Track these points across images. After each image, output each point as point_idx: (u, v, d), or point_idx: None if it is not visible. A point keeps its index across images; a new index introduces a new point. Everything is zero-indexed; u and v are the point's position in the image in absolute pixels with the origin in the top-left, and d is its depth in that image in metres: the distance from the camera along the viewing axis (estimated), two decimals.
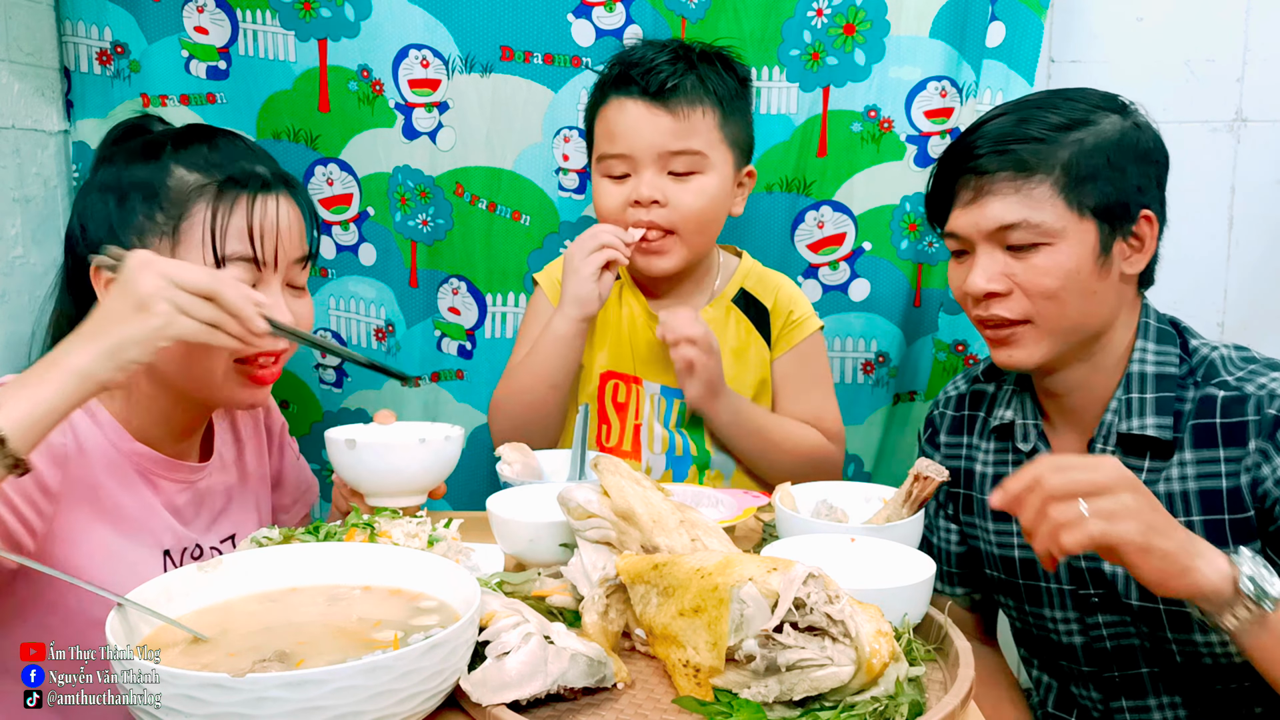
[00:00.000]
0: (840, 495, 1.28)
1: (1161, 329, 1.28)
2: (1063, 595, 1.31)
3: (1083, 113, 1.23)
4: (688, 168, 1.54)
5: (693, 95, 1.53)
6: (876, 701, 0.83)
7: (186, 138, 1.19)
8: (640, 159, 1.54)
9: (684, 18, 1.80)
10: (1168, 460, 1.22)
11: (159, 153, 1.17)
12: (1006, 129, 1.24)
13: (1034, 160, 1.21)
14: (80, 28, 1.71)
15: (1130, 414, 1.24)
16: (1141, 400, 1.24)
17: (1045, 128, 1.22)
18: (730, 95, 1.57)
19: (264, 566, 0.96)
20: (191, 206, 1.14)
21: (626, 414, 1.65)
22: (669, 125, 1.52)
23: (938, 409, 1.48)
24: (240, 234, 1.15)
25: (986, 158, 1.23)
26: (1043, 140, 1.22)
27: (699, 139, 1.53)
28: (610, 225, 1.55)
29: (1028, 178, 1.21)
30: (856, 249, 1.87)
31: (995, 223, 1.23)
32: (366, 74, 1.79)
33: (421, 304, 1.90)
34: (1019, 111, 1.26)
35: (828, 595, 0.84)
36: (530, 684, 0.85)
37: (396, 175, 1.84)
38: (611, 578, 0.97)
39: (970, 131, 1.28)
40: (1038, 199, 1.21)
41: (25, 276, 1.59)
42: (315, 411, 1.92)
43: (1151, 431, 1.22)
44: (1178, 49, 1.87)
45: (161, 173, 1.15)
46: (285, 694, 0.73)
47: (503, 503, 1.18)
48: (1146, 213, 1.23)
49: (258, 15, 1.77)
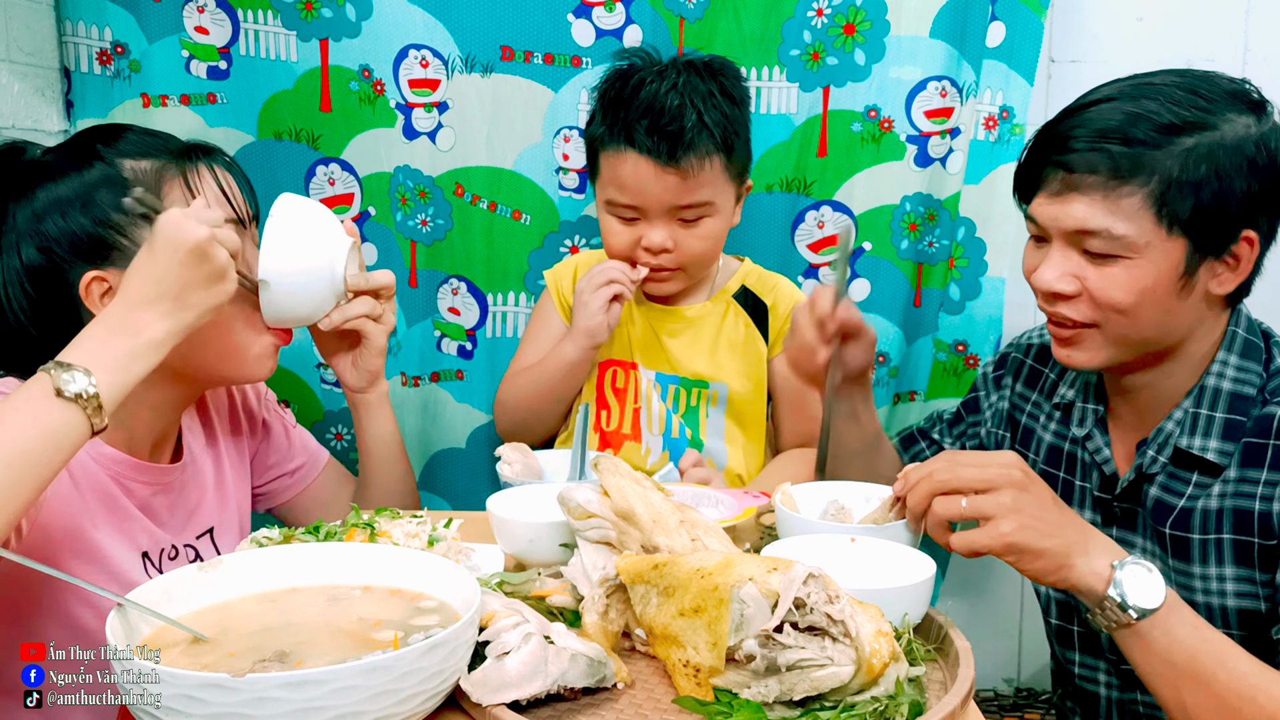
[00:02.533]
0: (843, 495, 1.27)
1: (1249, 341, 1.19)
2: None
3: (1202, 112, 1.10)
4: (697, 215, 1.56)
5: (701, 150, 1.51)
6: (877, 701, 0.83)
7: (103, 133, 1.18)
8: (649, 210, 1.56)
9: (682, 18, 1.80)
10: (1216, 478, 1.17)
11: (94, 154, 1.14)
12: (1112, 123, 1.11)
13: (1130, 167, 1.10)
14: (80, 28, 1.71)
15: (1194, 430, 1.18)
16: (1210, 419, 1.17)
17: (1154, 128, 1.10)
18: (732, 127, 1.54)
19: (264, 566, 0.96)
20: (163, 186, 1.14)
21: (625, 398, 1.68)
22: (678, 184, 1.52)
23: (1015, 351, 1.44)
24: (218, 198, 1.17)
25: (1080, 154, 1.12)
26: (1146, 144, 1.09)
27: (707, 190, 1.54)
28: (618, 263, 1.59)
29: (1119, 185, 1.10)
30: (857, 249, 1.87)
31: (1075, 224, 1.13)
32: (367, 74, 1.79)
33: (421, 304, 1.90)
34: (1131, 101, 1.12)
35: (828, 595, 0.84)
36: (530, 684, 0.85)
37: (397, 175, 1.84)
38: (611, 578, 0.97)
39: (1072, 113, 1.16)
40: (1125, 210, 1.10)
41: None
42: (316, 411, 1.92)
43: (1212, 456, 1.16)
44: (1178, 49, 1.87)
45: (114, 169, 1.13)
46: (285, 694, 0.73)
47: (503, 503, 1.18)
48: (1249, 233, 1.12)
49: (259, 15, 1.77)
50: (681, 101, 1.51)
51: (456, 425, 1.94)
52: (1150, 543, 1.24)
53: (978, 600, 2.10)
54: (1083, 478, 1.31)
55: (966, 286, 1.84)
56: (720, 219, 1.58)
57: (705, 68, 1.57)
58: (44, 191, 1.13)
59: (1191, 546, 1.18)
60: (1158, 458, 1.21)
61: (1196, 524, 1.17)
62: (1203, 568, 1.18)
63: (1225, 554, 1.16)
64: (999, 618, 2.11)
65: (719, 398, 1.66)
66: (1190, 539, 1.18)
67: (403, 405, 1.90)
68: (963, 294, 1.85)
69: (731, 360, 1.66)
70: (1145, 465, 1.22)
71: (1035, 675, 2.14)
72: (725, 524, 1.20)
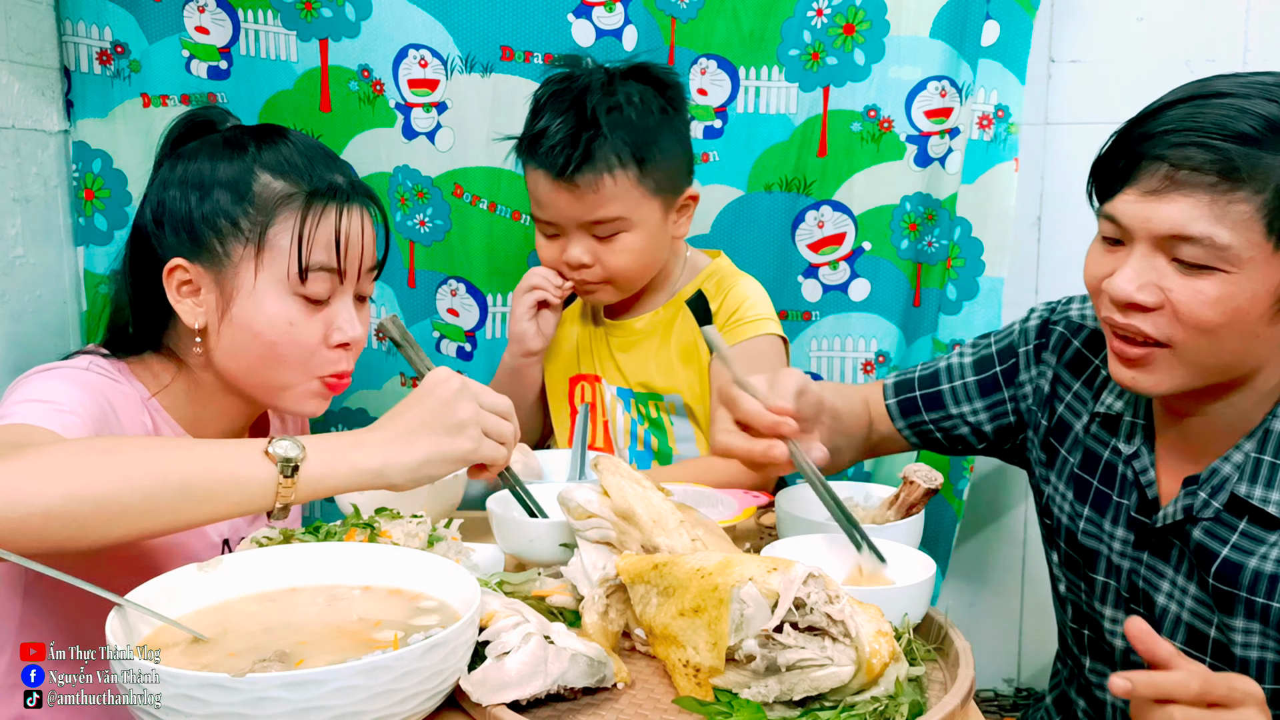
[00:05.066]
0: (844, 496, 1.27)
1: None
2: (1117, 596, 1.24)
3: None
4: (610, 231, 1.52)
5: (600, 166, 1.47)
6: (877, 701, 0.83)
7: (267, 135, 1.20)
8: (563, 225, 1.54)
9: (674, 18, 1.80)
10: (1272, 530, 1.08)
11: (243, 152, 1.17)
12: (1230, 122, 1.00)
13: (1247, 169, 0.98)
14: (80, 27, 1.71)
15: (1256, 479, 1.08)
16: (1274, 467, 1.08)
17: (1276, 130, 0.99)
18: (649, 139, 1.49)
19: (264, 566, 0.96)
20: (279, 215, 1.14)
21: (595, 412, 1.67)
22: (578, 200, 1.50)
23: (1061, 325, 1.32)
24: (327, 245, 1.16)
25: (1187, 149, 1.00)
26: (1264, 147, 0.98)
27: (614, 206, 1.50)
28: (543, 270, 1.58)
29: (1231, 189, 0.99)
30: (856, 249, 1.87)
31: (1171, 228, 1.02)
32: (367, 74, 1.79)
33: (420, 305, 1.90)
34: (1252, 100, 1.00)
35: (828, 595, 0.84)
36: (530, 684, 0.85)
37: (396, 175, 1.84)
38: (611, 578, 0.97)
39: (1174, 104, 1.05)
40: (1234, 218, 0.99)
41: (25, 276, 1.59)
42: None
43: (1273, 510, 1.07)
44: (1178, 49, 1.87)
45: (248, 175, 1.15)
46: (285, 694, 0.73)
47: (503, 503, 1.18)
48: None
49: (259, 15, 1.77)
50: (580, 125, 1.47)
51: None
52: (1185, 579, 1.17)
53: (978, 600, 2.10)
54: (1120, 493, 1.23)
55: (963, 287, 1.84)
56: (640, 234, 1.53)
57: (628, 76, 1.53)
58: (190, 164, 1.17)
59: (1237, 602, 1.11)
60: (1210, 502, 1.11)
61: (1246, 581, 1.10)
62: (1246, 622, 1.11)
63: (1268, 621, 1.09)
64: (999, 618, 2.10)
65: (677, 407, 1.64)
66: (1237, 595, 1.10)
67: None
68: (959, 294, 1.84)
69: (684, 369, 1.62)
70: (1196, 508, 1.13)
71: (1035, 675, 2.13)
72: (725, 524, 1.20)
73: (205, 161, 1.17)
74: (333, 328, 1.18)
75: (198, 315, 1.15)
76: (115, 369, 1.16)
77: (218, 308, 1.15)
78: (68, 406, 1.03)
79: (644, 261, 1.57)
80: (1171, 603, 1.19)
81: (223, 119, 1.23)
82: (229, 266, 1.14)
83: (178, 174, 1.17)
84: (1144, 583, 1.21)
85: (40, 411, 1.01)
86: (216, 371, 1.18)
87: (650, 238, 1.55)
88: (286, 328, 1.15)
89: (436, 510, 1.24)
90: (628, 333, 1.66)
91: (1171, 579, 1.18)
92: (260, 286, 1.14)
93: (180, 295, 1.15)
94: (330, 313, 1.18)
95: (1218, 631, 1.15)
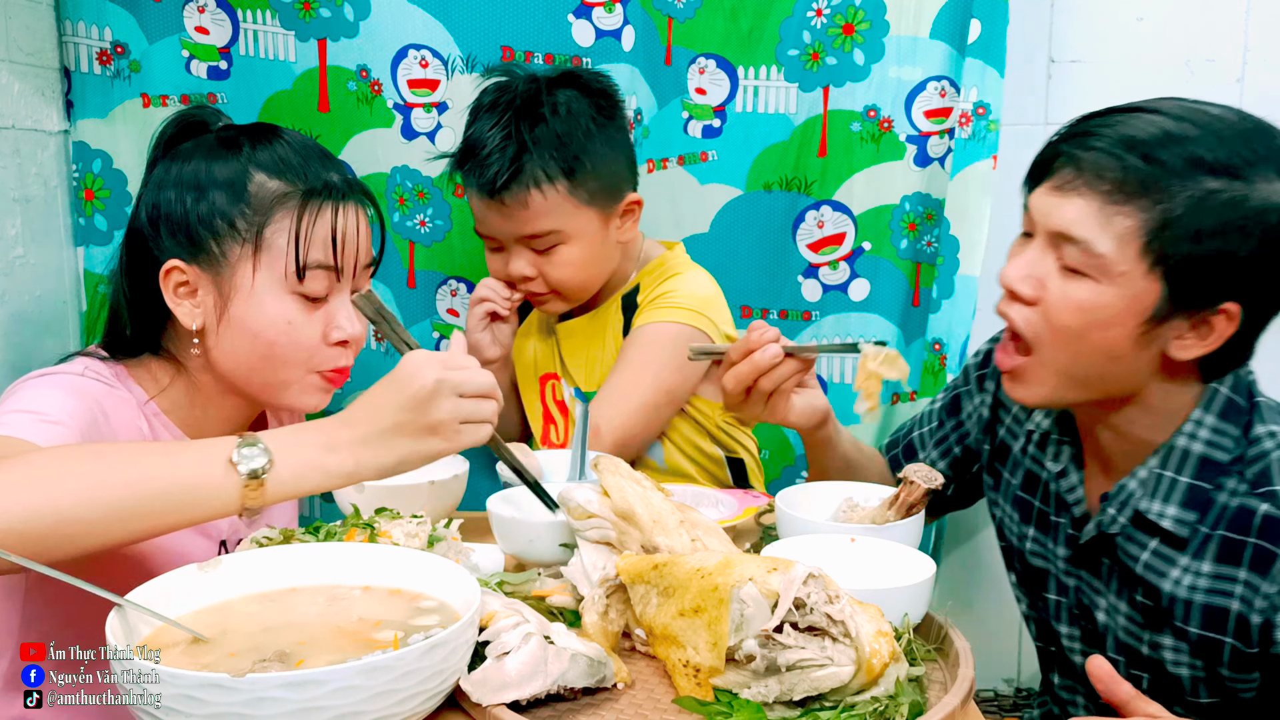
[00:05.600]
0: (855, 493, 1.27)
1: (1232, 400, 1.09)
2: (1069, 613, 1.26)
3: (1240, 161, 0.99)
4: (547, 244, 1.52)
5: (527, 181, 1.47)
6: (877, 701, 0.83)
7: (261, 135, 1.19)
8: (501, 240, 1.55)
9: (670, 17, 1.80)
10: (1179, 550, 1.10)
11: (237, 152, 1.16)
12: (1143, 134, 1.02)
13: (1139, 186, 1.01)
14: (80, 28, 1.71)
15: (1156, 494, 1.10)
16: (1173, 483, 1.09)
17: (1183, 155, 1.00)
18: (578, 150, 1.48)
19: (264, 566, 0.96)
20: (275, 214, 1.14)
21: (568, 410, 1.67)
22: (509, 217, 1.50)
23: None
24: (324, 243, 1.16)
25: (1096, 153, 1.03)
26: (1166, 169, 1.00)
27: (546, 220, 1.50)
28: (492, 280, 1.59)
29: (1124, 200, 1.01)
30: (856, 249, 1.87)
31: (1062, 226, 1.05)
32: (365, 74, 1.79)
33: (420, 305, 1.90)
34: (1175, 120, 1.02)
35: (828, 595, 0.84)
36: (530, 684, 0.85)
37: (395, 176, 1.84)
38: (611, 578, 0.97)
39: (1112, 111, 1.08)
40: (1117, 229, 1.02)
41: (25, 276, 1.59)
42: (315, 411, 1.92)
43: (1168, 525, 1.09)
44: (1178, 49, 1.87)
45: (243, 176, 1.15)
46: (285, 694, 0.73)
47: (503, 503, 1.18)
48: (1229, 306, 1.02)
49: (258, 15, 1.77)
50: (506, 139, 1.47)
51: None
52: (1116, 597, 1.19)
53: (978, 600, 2.10)
54: (1058, 512, 1.25)
55: (944, 285, 1.83)
56: (578, 245, 1.52)
57: (558, 85, 1.51)
58: (185, 164, 1.16)
59: (1164, 621, 1.13)
60: (1117, 518, 1.14)
61: (1165, 602, 1.12)
62: (1175, 640, 1.13)
63: (1193, 644, 1.11)
64: (999, 618, 2.10)
65: None
66: (1162, 614, 1.12)
67: None
68: (940, 293, 1.84)
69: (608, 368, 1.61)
70: (1105, 524, 1.15)
71: (1035, 675, 2.13)
72: (725, 524, 1.20)
73: (200, 162, 1.16)
74: (332, 325, 1.17)
75: (195, 316, 1.15)
76: (112, 373, 1.16)
77: (215, 309, 1.14)
78: (55, 416, 1.02)
79: (588, 272, 1.57)
80: (1110, 619, 1.20)
81: (215, 119, 1.23)
82: (226, 267, 1.14)
83: (172, 175, 1.16)
84: (1086, 600, 1.22)
85: (26, 423, 1.00)
86: (216, 372, 1.18)
87: (590, 248, 1.54)
88: (285, 327, 1.15)
89: (436, 510, 1.24)
90: (571, 333, 1.67)
91: (1106, 596, 1.20)
92: (258, 286, 1.14)
93: (178, 297, 1.15)
94: (329, 310, 1.17)
95: (1149, 649, 1.16)
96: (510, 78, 1.54)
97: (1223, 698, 1.14)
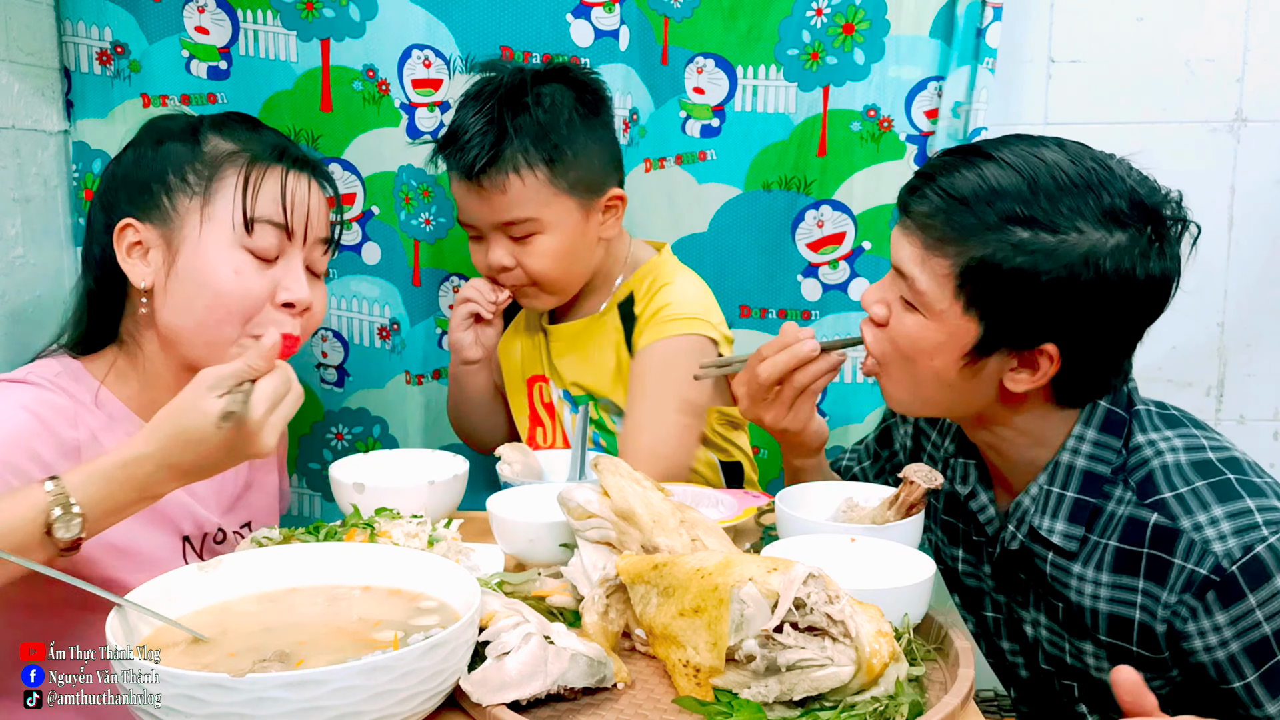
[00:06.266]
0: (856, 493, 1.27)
1: (1112, 413, 1.14)
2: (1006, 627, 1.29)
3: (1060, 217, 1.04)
4: (524, 232, 1.51)
5: (506, 166, 1.46)
6: (877, 701, 0.83)
7: (225, 117, 1.23)
8: (480, 228, 1.54)
9: (667, 17, 1.80)
10: (1072, 560, 1.14)
11: (196, 130, 1.20)
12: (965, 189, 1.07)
13: (951, 236, 1.07)
14: (80, 28, 1.71)
15: (1045, 509, 1.15)
16: (1060, 498, 1.14)
17: (996, 205, 1.05)
18: (560, 140, 1.48)
19: (264, 566, 0.96)
20: (225, 168, 1.17)
21: (555, 413, 1.67)
22: (486, 201, 1.50)
23: None
24: (274, 201, 1.17)
25: (923, 201, 1.10)
26: (979, 219, 1.06)
27: (525, 207, 1.49)
28: (478, 282, 1.60)
29: (939, 244, 1.09)
30: (856, 248, 1.87)
31: (899, 262, 1.14)
32: (372, 74, 1.80)
33: (424, 302, 1.90)
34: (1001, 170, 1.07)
35: (828, 595, 0.84)
36: (530, 684, 0.85)
37: (401, 174, 1.84)
38: (611, 578, 0.97)
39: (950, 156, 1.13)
40: (932, 269, 1.09)
41: (25, 276, 1.59)
42: (316, 411, 1.92)
43: (1058, 540, 1.14)
44: (1178, 49, 1.87)
45: (198, 136, 1.19)
46: (285, 694, 0.73)
47: (503, 503, 1.18)
48: (1049, 347, 1.08)
49: (259, 15, 1.77)
50: (489, 124, 1.47)
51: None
52: (1036, 610, 1.22)
53: None
54: (978, 532, 1.28)
55: None
56: (556, 235, 1.51)
57: (545, 78, 1.52)
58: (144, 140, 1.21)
59: (1079, 627, 1.16)
60: (1016, 534, 1.18)
61: (1076, 613, 1.15)
62: (1095, 648, 1.17)
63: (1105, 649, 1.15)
64: None
65: (613, 409, 1.62)
66: (1076, 621, 1.16)
67: (407, 403, 1.91)
68: None
69: (616, 373, 1.61)
70: (1006, 540, 1.20)
71: None
72: (725, 524, 1.20)
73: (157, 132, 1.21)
74: (280, 286, 1.18)
75: (146, 275, 1.16)
76: (67, 370, 1.16)
77: (165, 264, 1.16)
78: None
79: (566, 264, 1.55)
80: (1035, 632, 1.23)
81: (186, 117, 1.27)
82: (176, 220, 1.16)
83: (128, 159, 1.21)
84: (1016, 615, 1.25)
85: None
86: (161, 336, 1.17)
87: (568, 239, 1.53)
88: (232, 275, 1.15)
89: (436, 510, 1.25)
90: (560, 336, 1.66)
91: (1029, 610, 1.23)
92: (206, 237, 1.15)
93: (130, 257, 1.16)
94: (278, 271, 1.18)
95: (1072, 658, 1.19)
96: (497, 70, 1.55)
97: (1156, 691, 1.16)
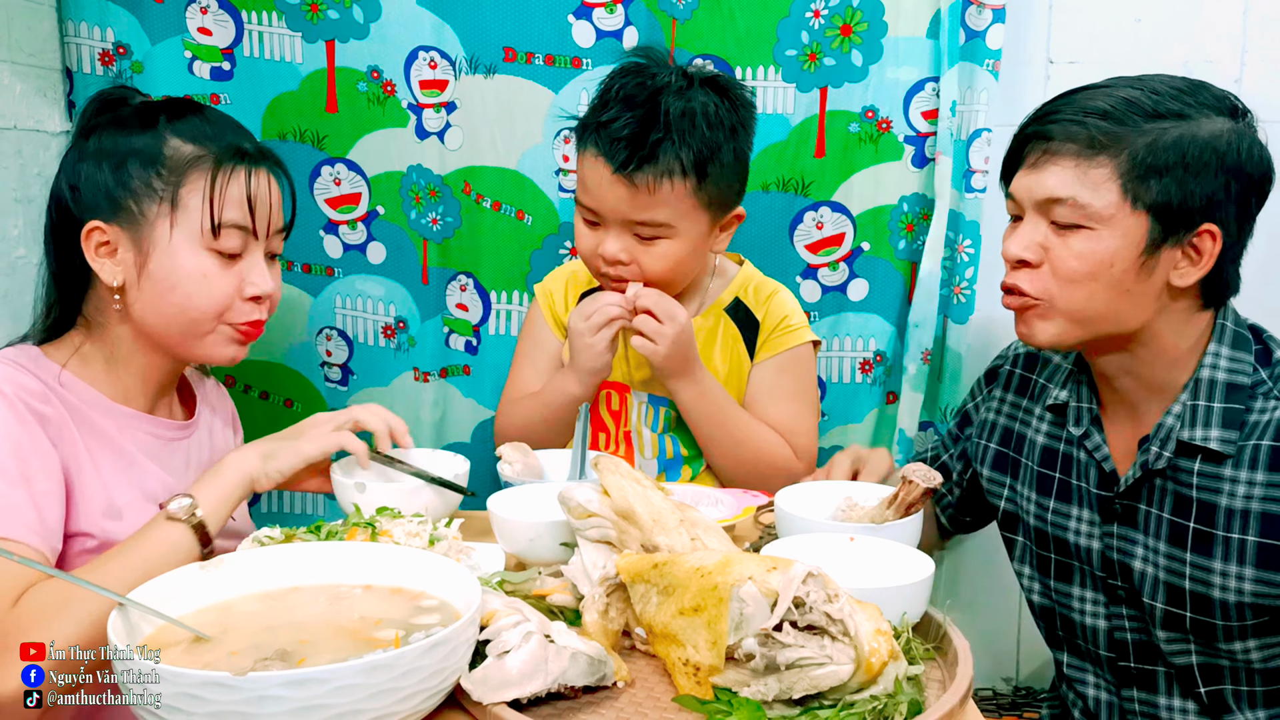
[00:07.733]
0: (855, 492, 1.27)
1: (1239, 333, 1.23)
2: (1093, 578, 1.31)
3: (1181, 106, 1.17)
4: (653, 234, 1.50)
5: (660, 168, 1.44)
6: (875, 700, 0.83)
7: (178, 108, 1.25)
8: (606, 217, 1.51)
9: (674, 18, 1.81)
10: (1222, 465, 1.19)
11: (154, 121, 1.22)
12: (1096, 102, 1.19)
13: (1104, 140, 1.16)
14: (82, 29, 1.71)
15: (1195, 422, 1.20)
16: (1209, 409, 1.20)
17: (1133, 111, 1.17)
18: (709, 153, 1.46)
19: (265, 565, 0.96)
20: (190, 175, 1.20)
21: (620, 421, 1.66)
22: (631, 197, 1.46)
23: (1004, 363, 1.47)
24: (239, 203, 1.22)
25: (1060, 125, 1.19)
26: (1123, 122, 1.16)
27: (663, 211, 1.47)
28: (614, 296, 1.53)
29: (1092, 156, 1.16)
30: (855, 249, 1.87)
31: (1046, 193, 1.19)
32: (377, 75, 1.80)
33: (432, 301, 1.91)
34: (1118, 88, 1.20)
35: (827, 594, 0.84)
36: (531, 682, 0.85)
37: (410, 174, 1.85)
38: (612, 577, 0.98)
39: (1062, 96, 1.24)
40: (1094, 180, 1.16)
41: (27, 276, 1.59)
42: (320, 409, 1.92)
43: (1215, 445, 1.18)
44: (1177, 49, 1.87)
45: (158, 141, 1.21)
46: (286, 692, 0.73)
47: (503, 502, 1.19)
48: (1210, 227, 1.16)
49: (263, 17, 1.77)
50: (650, 120, 1.45)
51: (464, 420, 1.96)
52: (1155, 539, 1.24)
53: (976, 599, 2.10)
54: (1079, 477, 1.32)
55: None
56: (681, 243, 1.50)
57: (708, 85, 1.50)
58: (104, 135, 1.22)
59: (1215, 542, 1.19)
60: (1162, 453, 1.22)
61: (1220, 521, 1.18)
62: (1224, 564, 1.19)
63: (1248, 555, 1.17)
64: (997, 617, 2.11)
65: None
66: (1214, 534, 1.19)
67: (415, 400, 1.92)
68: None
69: (727, 375, 1.62)
70: (1150, 462, 1.23)
71: (1034, 674, 2.14)
72: (725, 523, 1.20)
73: (117, 133, 1.22)
74: (246, 281, 1.23)
75: (116, 274, 1.20)
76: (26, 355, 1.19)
77: (135, 265, 1.20)
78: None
79: (681, 271, 1.55)
80: (1148, 566, 1.25)
81: (131, 95, 1.28)
82: (145, 225, 1.19)
83: (91, 146, 1.22)
84: (1118, 554, 1.27)
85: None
86: (136, 327, 1.22)
87: (691, 248, 1.52)
88: (201, 279, 1.20)
89: (437, 510, 1.25)
90: None
91: (1144, 543, 1.25)
92: (175, 242, 1.19)
93: (99, 256, 1.20)
94: (243, 267, 1.24)
95: (1193, 582, 1.21)
96: (649, 62, 1.52)
97: (1271, 616, 1.19)
